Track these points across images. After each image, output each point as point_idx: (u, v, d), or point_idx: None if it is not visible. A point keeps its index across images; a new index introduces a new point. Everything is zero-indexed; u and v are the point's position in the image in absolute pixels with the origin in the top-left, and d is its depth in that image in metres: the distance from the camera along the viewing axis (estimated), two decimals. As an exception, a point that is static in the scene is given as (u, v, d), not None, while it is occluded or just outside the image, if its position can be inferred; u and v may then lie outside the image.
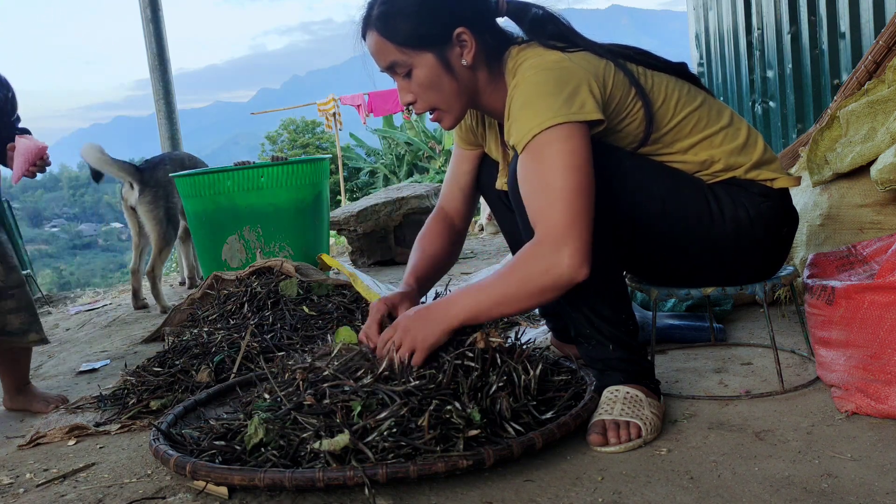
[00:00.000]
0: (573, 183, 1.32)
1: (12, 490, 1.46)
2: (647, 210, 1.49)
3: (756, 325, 2.15)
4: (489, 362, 1.43)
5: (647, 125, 1.47)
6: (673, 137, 1.51)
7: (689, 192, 1.51)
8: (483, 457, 1.24)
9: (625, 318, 1.50)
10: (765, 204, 1.52)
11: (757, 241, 1.53)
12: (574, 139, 1.34)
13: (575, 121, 1.34)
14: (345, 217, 4.36)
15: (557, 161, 1.33)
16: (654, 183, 1.49)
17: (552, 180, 1.33)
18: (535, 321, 2.45)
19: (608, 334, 1.48)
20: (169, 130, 4.57)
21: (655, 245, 1.54)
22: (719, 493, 1.17)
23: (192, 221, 3.51)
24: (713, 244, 1.52)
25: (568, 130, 1.34)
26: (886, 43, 2.41)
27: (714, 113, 1.54)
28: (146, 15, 4.50)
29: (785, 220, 1.57)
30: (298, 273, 2.60)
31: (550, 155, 1.33)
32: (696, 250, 1.54)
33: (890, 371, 1.36)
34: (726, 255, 1.54)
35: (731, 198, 1.51)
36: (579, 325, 1.51)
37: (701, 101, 1.53)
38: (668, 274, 1.64)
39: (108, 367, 2.51)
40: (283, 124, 24.45)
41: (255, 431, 1.33)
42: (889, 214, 1.96)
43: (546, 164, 1.34)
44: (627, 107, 1.45)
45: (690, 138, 1.51)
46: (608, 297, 1.49)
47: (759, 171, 1.54)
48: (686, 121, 1.50)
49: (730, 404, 1.55)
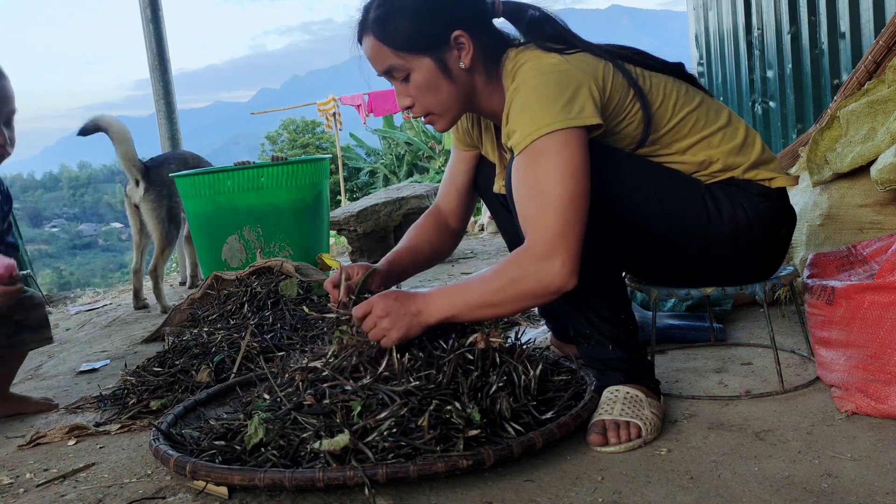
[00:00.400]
0: (567, 191, 1.32)
1: (12, 490, 1.46)
2: (646, 211, 1.49)
3: (756, 325, 2.15)
4: (489, 363, 1.43)
5: (646, 126, 1.47)
6: (671, 138, 1.50)
7: (687, 193, 1.51)
8: (483, 457, 1.24)
9: (624, 318, 1.50)
10: (763, 204, 1.52)
11: (755, 241, 1.53)
12: (571, 146, 1.33)
13: (574, 126, 1.33)
14: (345, 217, 4.36)
15: (553, 168, 1.32)
16: (651, 184, 1.49)
17: (546, 187, 1.32)
18: (535, 321, 2.45)
19: (608, 334, 1.48)
20: (169, 130, 4.57)
21: (654, 246, 1.54)
22: (719, 493, 1.17)
23: (192, 221, 3.51)
24: (711, 245, 1.52)
25: (566, 136, 1.33)
26: (886, 43, 2.41)
27: (712, 113, 1.54)
28: (146, 15, 4.50)
29: (783, 219, 1.57)
30: (298, 273, 2.61)
31: (546, 161, 1.33)
32: (694, 251, 1.54)
33: (890, 371, 1.36)
34: (725, 255, 1.54)
35: (730, 198, 1.51)
36: (579, 326, 1.51)
37: (699, 102, 1.53)
38: (666, 274, 1.64)
39: (108, 367, 2.51)
40: (283, 124, 24.45)
41: (255, 431, 1.33)
42: (889, 214, 1.95)
43: (541, 170, 1.33)
44: (626, 108, 1.45)
45: (689, 139, 1.51)
46: (607, 298, 1.49)
47: (758, 171, 1.54)
48: (684, 121, 1.50)
49: (730, 404, 1.55)
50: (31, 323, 1.98)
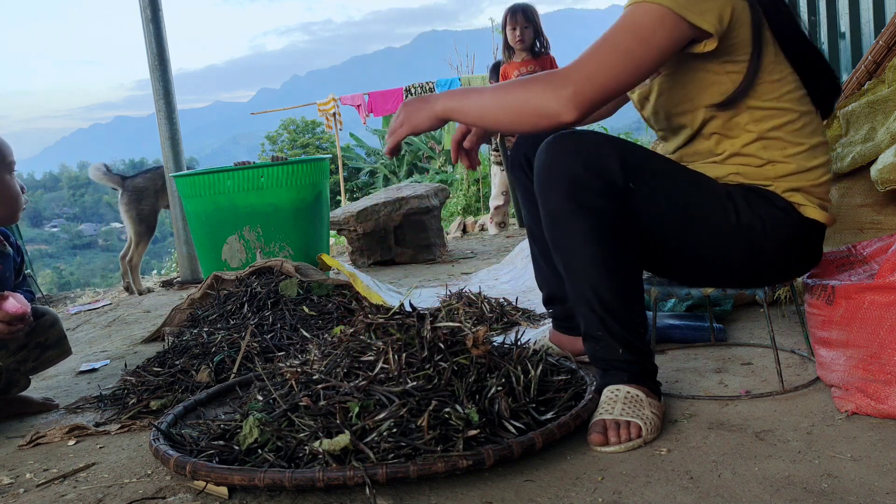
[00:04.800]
0: (624, 47, 1.34)
1: (12, 490, 1.46)
2: (669, 215, 1.48)
3: (756, 325, 2.15)
4: (485, 368, 1.43)
5: (749, 77, 1.44)
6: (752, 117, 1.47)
7: (710, 199, 1.48)
8: (483, 457, 1.24)
9: (639, 321, 1.48)
10: (781, 218, 1.48)
11: (765, 250, 1.50)
12: (665, 26, 1.33)
13: (680, 14, 1.33)
14: (345, 217, 4.36)
15: (631, 26, 1.35)
16: (678, 188, 1.48)
17: (612, 35, 1.36)
18: (535, 321, 2.45)
19: (619, 338, 1.45)
20: (169, 130, 4.56)
21: (670, 246, 1.52)
22: (719, 493, 1.17)
23: (193, 221, 3.52)
24: (725, 248, 1.50)
25: (665, 14, 1.33)
26: (886, 43, 2.41)
27: (808, 129, 1.49)
28: (146, 15, 4.49)
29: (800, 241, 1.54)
30: (298, 273, 2.60)
31: (631, 19, 1.35)
32: (708, 253, 1.52)
33: (890, 371, 1.36)
34: (736, 259, 1.52)
35: (749, 205, 1.48)
36: (590, 326, 1.48)
37: (806, 111, 1.49)
38: (674, 272, 1.62)
39: (108, 367, 2.51)
40: (283, 124, 24.44)
41: (250, 431, 1.33)
42: (889, 214, 1.95)
43: (621, 23, 1.36)
44: (737, 53, 1.43)
45: (772, 131, 1.47)
46: (628, 302, 1.46)
47: (795, 194, 1.50)
48: (780, 113, 1.46)
49: (730, 404, 1.55)
50: (52, 341, 2.07)
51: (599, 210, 1.42)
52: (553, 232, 1.47)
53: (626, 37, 1.34)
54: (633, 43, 1.34)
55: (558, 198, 1.43)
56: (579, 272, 1.45)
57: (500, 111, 1.41)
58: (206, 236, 3.44)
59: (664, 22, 1.33)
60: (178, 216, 4.48)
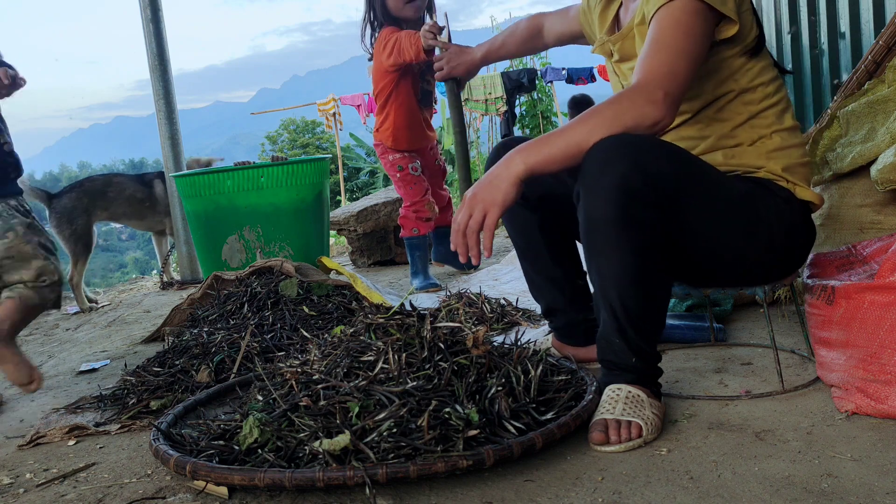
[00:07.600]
0: (681, 44, 1.41)
1: (12, 490, 1.46)
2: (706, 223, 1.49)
3: (756, 325, 2.15)
4: (485, 368, 1.43)
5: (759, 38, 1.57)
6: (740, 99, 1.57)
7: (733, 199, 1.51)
8: (483, 457, 1.24)
9: (657, 332, 1.48)
10: (787, 209, 1.55)
11: (777, 245, 1.55)
12: (699, 15, 1.43)
13: (710, 5, 1.43)
14: (345, 217, 4.36)
15: (675, 25, 1.42)
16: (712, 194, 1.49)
17: (664, 37, 1.43)
18: (535, 322, 2.45)
19: (635, 347, 1.45)
20: (169, 130, 4.56)
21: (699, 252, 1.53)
22: (719, 493, 1.17)
23: (192, 221, 3.52)
24: (744, 248, 1.53)
25: (695, 5, 1.43)
26: (886, 43, 2.41)
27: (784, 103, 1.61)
28: (146, 15, 4.49)
29: (803, 228, 1.60)
30: (298, 273, 2.60)
31: (671, 19, 1.43)
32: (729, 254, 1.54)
33: (890, 371, 1.36)
34: (750, 257, 1.55)
35: (764, 201, 1.52)
36: (608, 330, 1.46)
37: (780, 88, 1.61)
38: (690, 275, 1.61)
39: (108, 367, 2.51)
40: (283, 124, 24.46)
41: (250, 431, 1.33)
42: (889, 214, 1.95)
43: (664, 24, 1.43)
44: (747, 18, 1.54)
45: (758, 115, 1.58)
46: (649, 312, 1.46)
47: (788, 175, 1.58)
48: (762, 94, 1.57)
49: (730, 404, 1.55)
50: None
51: (647, 224, 1.39)
52: (591, 235, 1.43)
53: (678, 35, 1.43)
54: (685, 40, 1.43)
55: (606, 205, 1.38)
56: (610, 278, 1.43)
57: (594, 135, 1.38)
58: (206, 236, 3.44)
59: (702, 14, 1.44)
60: (177, 216, 4.48)
